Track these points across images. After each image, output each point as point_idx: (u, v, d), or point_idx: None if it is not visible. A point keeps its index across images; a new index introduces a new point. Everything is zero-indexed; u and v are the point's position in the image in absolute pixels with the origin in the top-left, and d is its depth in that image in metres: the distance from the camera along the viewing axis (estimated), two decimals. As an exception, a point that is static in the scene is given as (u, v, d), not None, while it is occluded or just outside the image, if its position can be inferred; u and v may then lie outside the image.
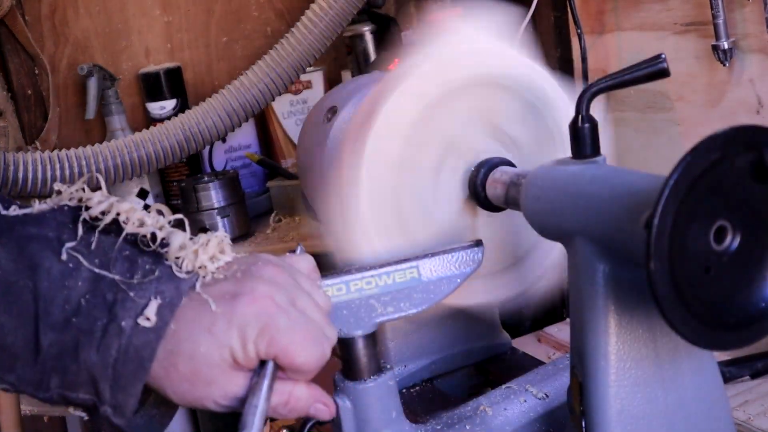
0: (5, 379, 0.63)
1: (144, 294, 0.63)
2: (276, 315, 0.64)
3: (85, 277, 0.63)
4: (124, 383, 0.63)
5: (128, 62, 1.88)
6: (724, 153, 0.57)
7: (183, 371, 0.63)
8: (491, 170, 0.87)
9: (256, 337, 0.64)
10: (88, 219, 0.66)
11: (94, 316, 0.62)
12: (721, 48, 1.16)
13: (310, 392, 0.68)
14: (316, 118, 1.07)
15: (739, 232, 0.60)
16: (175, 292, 0.64)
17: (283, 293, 0.66)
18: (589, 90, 0.73)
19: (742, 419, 0.98)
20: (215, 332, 0.63)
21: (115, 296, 0.63)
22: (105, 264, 0.64)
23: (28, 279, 0.62)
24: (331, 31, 1.64)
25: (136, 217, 0.66)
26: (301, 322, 0.66)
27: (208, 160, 1.93)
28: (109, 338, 0.62)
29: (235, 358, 0.64)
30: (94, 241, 0.65)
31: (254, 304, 0.64)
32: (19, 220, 0.64)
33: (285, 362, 0.65)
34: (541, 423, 0.87)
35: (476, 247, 0.82)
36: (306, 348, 0.65)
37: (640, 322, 0.68)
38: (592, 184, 0.70)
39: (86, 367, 0.62)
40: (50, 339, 0.62)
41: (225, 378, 0.64)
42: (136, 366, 0.62)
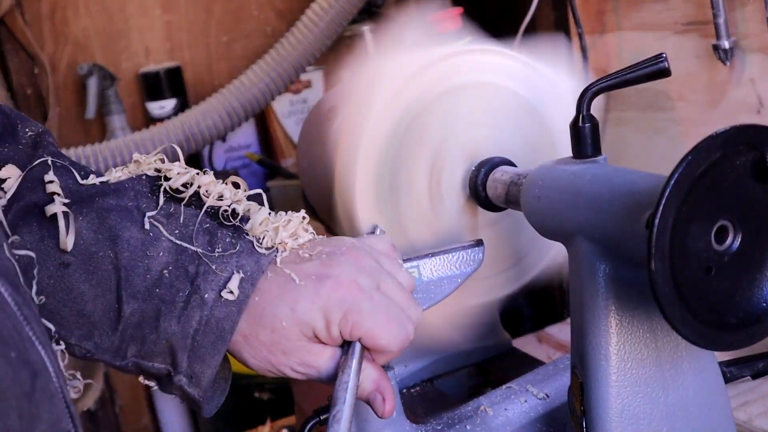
0: (83, 345, 0.65)
1: (225, 267, 0.65)
2: (360, 299, 0.66)
3: (165, 247, 0.64)
4: (203, 354, 0.64)
5: (128, 62, 1.88)
6: (724, 153, 0.57)
7: (264, 341, 0.65)
8: (492, 170, 0.87)
9: (341, 320, 0.65)
10: (168, 189, 0.67)
11: (176, 287, 0.64)
12: (721, 47, 1.16)
13: (378, 378, 0.69)
14: (316, 118, 1.07)
15: (740, 232, 0.60)
16: (256, 267, 0.65)
17: (367, 277, 0.67)
18: (590, 90, 0.73)
19: (743, 419, 0.98)
20: (297, 310, 0.65)
21: (197, 268, 0.64)
22: (186, 236, 0.65)
23: (109, 249, 0.63)
24: (331, 31, 1.64)
25: (217, 191, 0.68)
26: (385, 306, 0.67)
27: (208, 159, 1.93)
28: (190, 309, 0.63)
29: (317, 336, 0.66)
30: (173, 211, 0.66)
31: (340, 288, 0.65)
32: (97, 190, 0.66)
33: (369, 344, 0.66)
34: (542, 423, 0.87)
35: (477, 247, 0.82)
36: (389, 331, 0.66)
37: (641, 322, 0.68)
38: (593, 183, 0.70)
39: (166, 336, 0.64)
40: (132, 308, 0.63)
41: (303, 350, 0.66)
42: (216, 337, 0.64)
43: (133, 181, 0.68)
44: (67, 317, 0.64)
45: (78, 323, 0.64)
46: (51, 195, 0.64)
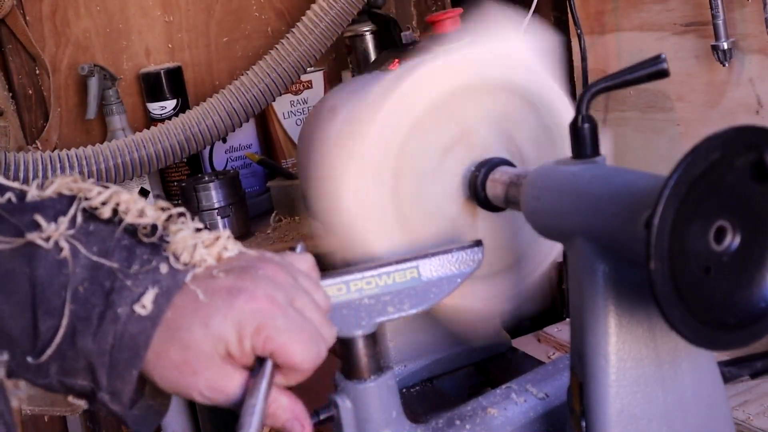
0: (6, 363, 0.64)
1: (141, 283, 0.64)
2: (274, 314, 0.64)
3: (83, 264, 0.63)
4: (121, 370, 0.63)
5: (129, 62, 1.88)
6: (724, 153, 0.57)
7: (174, 359, 0.63)
8: (491, 170, 0.87)
9: (253, 333, 0.64)
10: (87, 208, 0.66)
11: (92, 303, 0.63)
12: (720, 48, 1.16)
13: (293, 406, 0.69)
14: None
15: (739, 232, 0.60)
16: (172, 282, 0.64)
17: (282, 292, 0.66)
18: (589, 90, 0.74)
19: (741, 419, 0.98)
20: (211, 325, 0.63)
21: (112, 284, 0.63)
22: (103, 252, 0.64)
23: (26, 265, 0.62)
24: (332, 32, 1.64)
25: (137, 208, 0.67)
26: (299, 322, 0.66)
27: (208, 159, 1.93)
28: (105, 325, 0.62)
29: (230, 352, 0.64)
30: (92, 230, 0.65)
31: (253, 301, 0.64)
32: (16, 207, 0.65)
33: (281, 360, 0.65)
34: (541, 423, 0.88)
35: (476, 247, 0.82)
36: (303, 347, 0.65)
37: (640, 321, 0.68)
38: (592, 184, 0.70)
39: (84, 353, 0.63)
40: (47, 325, 0.62)
41: (214, 370, 0.64)
42: (131, 353, 0.63)
43: (53, 200, 0.66)
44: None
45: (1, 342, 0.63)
46: None
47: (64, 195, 0.67)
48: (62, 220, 0.64)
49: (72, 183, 0.68)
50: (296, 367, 0.66)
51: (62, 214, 0.65)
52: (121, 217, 0.67)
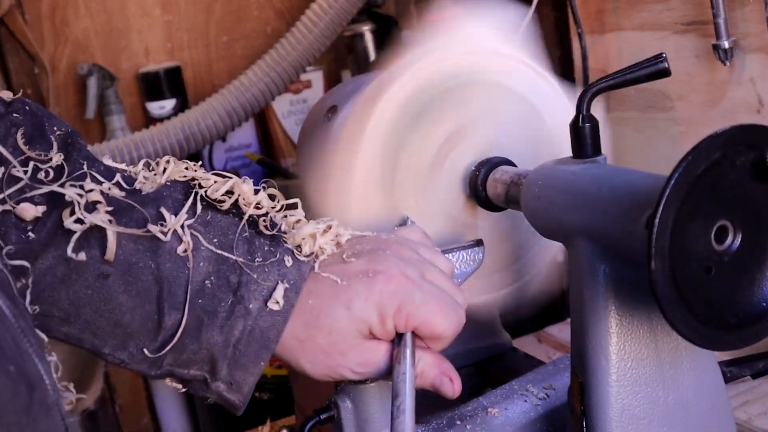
0: (117, 355, 0.65)
1: (267, 276, 0.65)
2: (411, 290, 0.66)
3: (205, 257, 0.64)
4: (245, 362, 0.65)
5: (128, 62, 1.88)
6: (724, 152, 0.57)
7: (321, 344, 0.66)
8: (492, 170, 0.87)
9: (395, 313, 0.66)
10: (204, 197, 0.67)
11: (219, 297, 0.64)
12: (721, 47, 1.16)
13: (439, 363, 0.70)
14: (316, 118, 1.07)
15: (740, 232, 0.60)
16: (298, 275, 0.66)
17: (413, 268, 0.68)
18: (590, 90, 0.73)
19: (743, 419, 0.98)
20: (353, 308, 0.65)
21: (239, 278, 0.64)
22: (225, 245, 0.65)
23: (150, 260, 0.63)
24: (331, 31, 1.64)
25: (255, 200, 0.68)
26: (435, 293, 0.68)
27: (208, 159, 1.93)
28: (234, 319, 0.64)
29: (372, 332, 0.66)
30: (210, 220, 0.66)
31: (391, 282, 0.66)
32: (137, 199, 0.65)
33: (425, 332, 0.67)
34: (542, 423, 0.87)
35: (477, 247, 0.82)
36: (444, 317, 0.67)
37: (641, 321, 0.68)
38: (593, 183, 0.70)
39: (207, 346, 0.64)
40: (173, 319, 0.63)
41: (360, 348, 0.67)
42: (260, 346, 0.64)
43: (169, 188, 0.67)
44: (103, 327, 0.63)
45: (113, 333, 0.64)
46: (93, 203, 0.63)
47: (179, 182, 0.68)
48: (182, 212, 0.65)
49: (185, 170, 0.69)
50: (440, 336, 0.68)
51: (180, 204, 0.65)
52: (242, 208, 0.67)
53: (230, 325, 0.64)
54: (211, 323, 0.63)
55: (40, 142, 0.66)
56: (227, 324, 0.64)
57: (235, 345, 0.64)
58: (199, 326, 0.63)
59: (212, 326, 0.63)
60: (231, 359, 0.65)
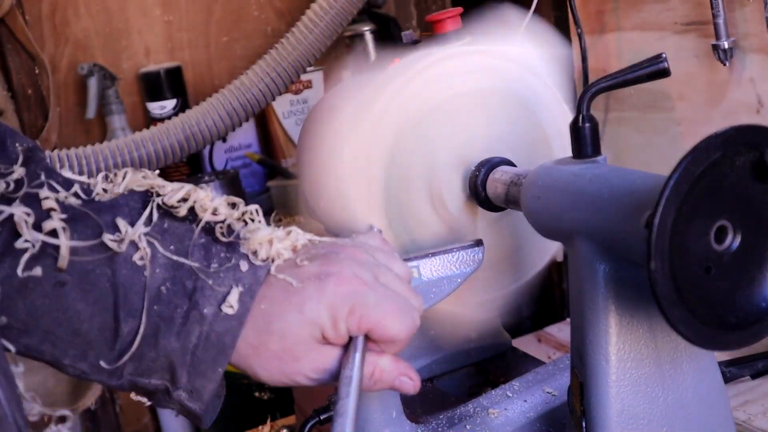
0: (77, 366, 0.64)
1: (222, 282, 0.65)
2: (364, 292, 0.66)
3: (161, 264, 0.64)
4: (204, 369, 0.64)
5: (128, 62, 1.88)
6: (724, 153, 0.57)
7: (274, 349, 0.65)
8: (491, 170, 0.87)
9: (347, 315, 0.65)
10: (161, 205, 0.67)
11: (175, 303, 0.63)
12: (721, 47, 1.16)
13: (396, 364, 0.69)
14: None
15: (740, 232, 0.60)
16: (254, 279, 0.66)
17: (367, 270, 0.68)
18: (590, 90, 0.73)
19: (742, 419, 0.98)
20: (305, 311, 0.65)
21: (194, 284, 0.64)
22: (181, 251, 0.65)
23: (106, 267, 0.63)
24: (331, 31, 1.64)
25: (212, 206, 0.68)
26: (389, 296, 0.67)
27: (208, 159, 1.93)
28: (189, 325, 0.63)
29: (325, 335, 0.66)
30: (167, 227, 0.66)
31: (342, 284, 0.66)
32: (93, 207, 0.65)
33: (378, 335, 0.67)
34: (541, 423, 0.87)
35: (477, 247, 0.82)
36: (397, 320, 0.67)
37: (641, 321, 0.68)
38: (593, 183, 0.70)
39: (165, 353, 0.64)
40: (130, 326, 0.63)
41: (314, 353, 0.66)
42: (217, 352, 0.64)
43: (126, 197, 0.67)
44: (62, 337, 0.63)
45: (72, 343, 0.63)
46: (48, 211, 0.63)
47: (136, 192, 0.68)
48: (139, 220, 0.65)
49: (142, 179, 0.69)
50: (393, 339, 0.67)
51: (137, 212, 0.66)
52: (198, 215, 0.67)
53: (187, 331, 0.63)
54: (167, 330, 0.63)
55: (1, 157, 0.66)
56: (183, 330, 0.63)
57: (193, 351, 0.64)
58: (156, 333, 0.63)
59: (169, 333, 0.63)
60: (190, 366, 0.64)
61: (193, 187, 0.68)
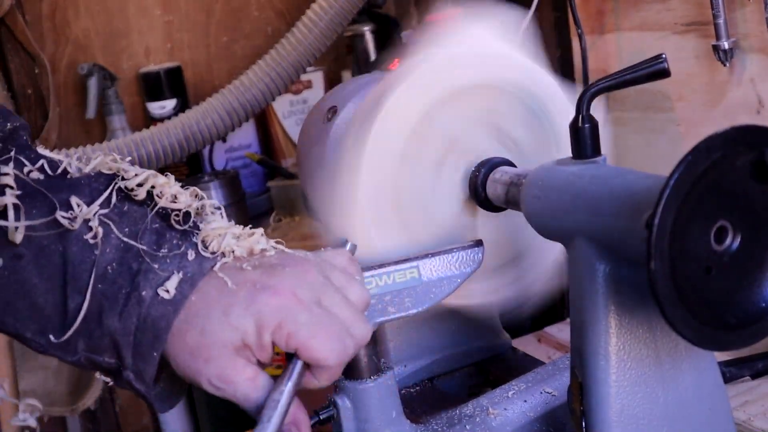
0: (38, 340, 0.65)
1: (167, 267, 0.65)
2: (296, 311, 0.65)
3: (113, 244, 0.65)
4: (143, 351, 0.64)
5: (128, 62, 1.88)
6: (724, 153, 0.57)
7: (190, 343, 0.64)
8: (491, 170, 0.87)
9: (275, 329, 0.65)
10: (123, 189, 0.67)
11: (119, 283, 0.64)
12: (721, 48, 1.16)
13: (295, 410, 0.68)
14: (316, 118, 1.07)
15: (740, 232, 0.60)
16: (198, 269, 0.65)
17: (308, 290, 0.67)
18: (590, 90, 0.73)
19: (742, 419, 0.98)
20: (230, 314, 0.64)
21: (139, 266, 0.64)
22: (134, 234, 0.66)
23: (59, 243, 0.64)
24: (331, 31, 1.64)
25: (170, 192, 0.68)
26: (323, 318, 0.66)
27: (208, 159, 1.93)
28: (130, 306, 0.64)
29: (246, 343, 0.65)
30: (126, 210, 0.66)
31: (276, 297, 0.65)
32: (52, 184, 0.66)
33: (305, 356, 0.66)
34: (541, 423, 0.87)
35: (476, 247, 0.82)
36: (326, 343, 0.66)
37: (641, 322, 0.68)
38: (593, 184, 0.70)
39: (109, 332, 0.64)
40: (76, 302, 0.64)
41: (226, 360, 0.65)
42: (153, 336, 0.64)
43: (89, 177, 0.68)
44: (22, 310, 0.64)
45: (32, 317, 0.65)
46: (3, 187, 0.64)
47: (103, 173, 0.68)
48: (96, 202, 0.65)
49: (111, 162, 0.69)
50: (320, 364, 0.66)
51: (98, 193, 0.66)
52: (155, 200, 0.68)
53: (128, 312, 0.64)
54: (110, 309, 0.64)
55: None
56: (125, 311, 0.64)
57: (135, 333, 0.64)
58: (100, 312, 0.64)
59: (112, 312, 0.64)
60: (133, 347, 0.64)
61: (152, 173, 0.69)
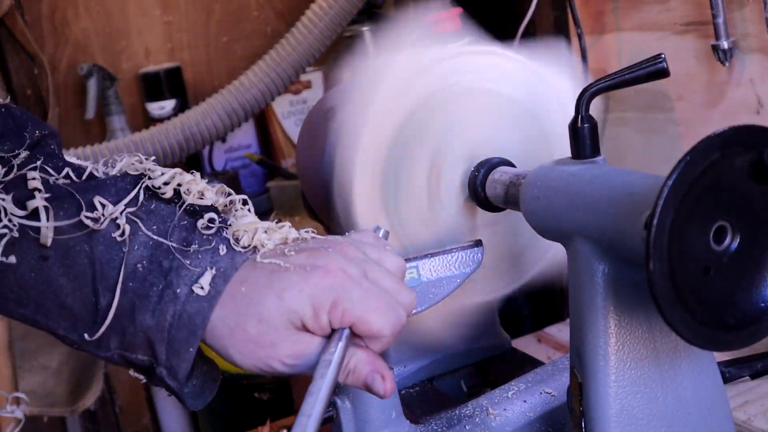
0: (70, 337, 0.66)
1: (198, 263, 0.66)
2: (349, 287, 0.66)
3: (142, 242, 0.65)
4: (178, 347, 0.65)
5: (128, 62, 1.88)
6: (723, 153, 0.57)
7: (251, 333, 0.65)
8: (491, 170, 0.87)
9: (330, 308, 0.65)
10: (150, 187, 0.68)
11: (150, 281, 0.65)
12: (721, 48, 1.16)
13: (372, 359, 0.69)
14: (315, 118, 1.07)
15: (739, 233, 0.60)
16: (230, 264, 0.66)
17: (354, 266, 0.68)
18: (589, 90, 0.73)
19: (742, 419, 0.98)
20: (285, 298, 0.65)
21: (171, 263, 0.65)
22: (163, 232, 0.66)
23: (85, 243, 0.65)
24: (331, 31, 1.64)
25: (197, 189, 0.69)
26: (374, 292, 0.67)
27: (207, 160, 1.93)
28: (164, 304, 0.64)
29: (306, 325, 0.66)
30: (154, 208, 0.67)
31: (327, 276, 0.66)
32: (78, 186, 0.67)
33: (362, 330, 0.66)
34: (541, 423, 0.87)
35: (476, 248, 0.82)
36: (381, 315, 0.66)
37: (640, 322, 0.68)
38: (592, 184, 0.70)
39: (143, 329, 0.65)
40: (107, 300, 0.64)
41: (291, 340, 0.66)
42: (189, 332, 0.65)
43: (115, 178, 0.69)
44: (52, 309, 0.65)
45: (62, 315, 0.65)
46: (32, 191, 0.65)
47: (130, 174, 0.69)
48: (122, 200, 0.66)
49: (137, 163, 0.70)
50: (376, 335, 0.67)
51: (125, 192, 0.67)
52: (183, 197, 0.68)
53: (161, 310, 0.64)
54: (143, 307, 0.64)
55: (12, 141, 0.69)
56: (158, 308, 0.64)
57: (169, 330, 0.65)
58: (132, 309, 0.64)
59: (145, 310, 0.64)
60: (167, 344, 0.65)
61: (179, 170, 0.70)
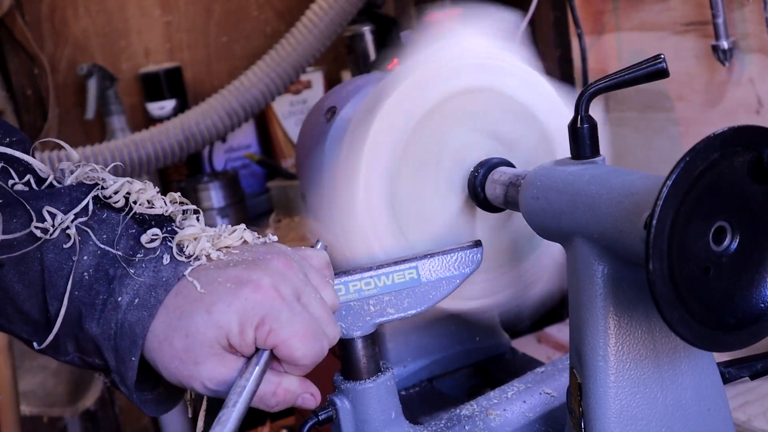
0: (31, 340, 0.67)
1: (142, 272, 0.65)
2: (279, 307, 0.65)
3: (91, 251, 0.65)
4: (123, 356, 0.65)
5: (128, 62, 1.88)
6: (723, 153, 0.57)
7: (177, 347, 0.64)
8: (490, 171, 0.87)
9: (257, 325, 0.64)
10: (101, 197, 0.68)
11: (96, 289, 0.65)
12: (720, 48, 1.16)
13: (300, 384, 0.68)
14: (315, 118, 1.07)
15: (739, 233, 0.60)
16: (172, 273, 0.65)
17: (289, 286, 0.66)
18: (589, 90, 0.73)
19: (741, 420, 0.98)
20: (213, 312, 0.64)
21: (115, 272, 0.65)
22: (111, 240, 0.66)
23: (37, 250, 0.65)
24: (331, 31, 1.64)
25: (146, 198, 0.69)
26: (303, 317, 0.66)
27: (207, 160, 1.93)
28: (107, 312, 0.64)
29: (231, 341, 0.64)
30: (105, 218, 0.67)
31: (258, 292, 0.65)
32: (32, 194, 0.67)
33: (283, 354, 0.66)
34: (541, 423, 0.87)
35: (475, 248, 0.82)
36: (305, 342, 0.65)
37: (640, 322, 0.68)
38: (591, 184, 0.70)
39: (90, 337, 0.65)
40: (55, 308, 0.65)
41: (215, 360, 0.64)
42: (130, 341, 0.64)
43: (70, 187, 0.69)
44: (12, 314, 0.66)
45: (22, 320, 0.66)
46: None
47: (85, 183, 0.70)
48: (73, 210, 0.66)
49: (91, 172, 0.70)
50: (297, 362, 0.66)
51: (77, 201, 0.67)
52: (131, 206, 0.68)
53: (106, 318, 0.64)
54: (89, 315, 0.65)
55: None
56: (103, 316, 0.64)
57: (114, 338, 0.65)
58: (80, 317, 0.65)
59: (91, 318, 0.64)
60: (114, 352, 0.65)
61: (130, 179, 0.70)
